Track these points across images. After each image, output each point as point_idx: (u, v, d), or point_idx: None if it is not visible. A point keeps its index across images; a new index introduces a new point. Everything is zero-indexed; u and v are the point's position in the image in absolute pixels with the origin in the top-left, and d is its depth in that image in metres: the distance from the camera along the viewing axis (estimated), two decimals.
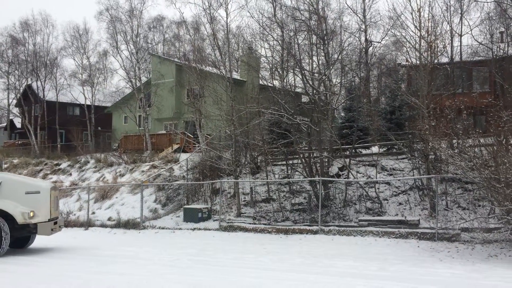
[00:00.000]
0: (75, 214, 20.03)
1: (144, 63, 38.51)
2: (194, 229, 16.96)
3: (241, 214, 18.01)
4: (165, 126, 36.16)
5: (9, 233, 11.35)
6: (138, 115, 35.01)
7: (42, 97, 42.89)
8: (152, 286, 8.00)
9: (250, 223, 16.77)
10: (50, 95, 43.66)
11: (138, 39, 35.13)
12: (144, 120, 33.02)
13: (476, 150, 12.40)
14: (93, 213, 20.20)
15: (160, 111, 34.63)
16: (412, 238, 13.28)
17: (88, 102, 43.90)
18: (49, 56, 44.04)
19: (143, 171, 24.64)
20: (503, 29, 28.23)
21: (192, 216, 17.83)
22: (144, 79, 36.56)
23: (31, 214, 11.53)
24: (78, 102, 44.69)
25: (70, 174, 27.07)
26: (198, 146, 25.00)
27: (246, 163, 21.41)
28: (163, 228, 17.43)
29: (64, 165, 28.60)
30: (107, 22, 36.81)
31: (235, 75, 27.65)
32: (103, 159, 27.76)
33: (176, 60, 36.17)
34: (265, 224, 16.57)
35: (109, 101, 44.95)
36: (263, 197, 18.99)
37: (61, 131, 43.56)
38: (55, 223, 12.36)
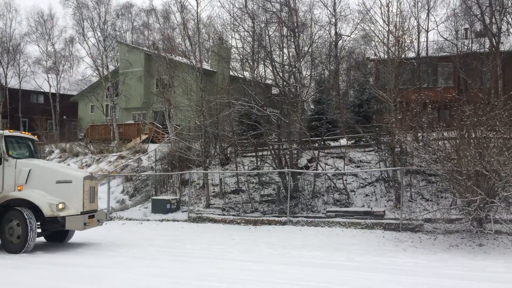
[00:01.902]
0: None
1: (112, 51, 37.60)
2: (162, 220, 16.81)
3: (210, 205, 17.98)
4: (134, 116, 35.54)
5: (36, 226, 10.41)
6: (105, 105, 34.24)
7: (4, 84, 41.30)
8: (117, 277, 7.90)
9: (219, 214, 16.76)
10: (12, 82, 42.09)
11: (105, 26, 34.28)
12: (112, 110, 32.34)
13: (439, 143, 12.76)
14: None
15: (128, 101, 33.97)
16: (378, 229, 13.59)
17: (53, 90, 42.63)
18: (11, 42, 42.37)
19: (110, 162, 24.18)
20: (467, 26, 29.07)
21: (160, 207, 17.66)
22: (111, 68, 35.74)
23: (60, 206, 10.42)
24: (42, 90, 43.28)
25: None
26: (167, 137, 24.71)
27: (215, 154, 21.33)
28: (130, 219, 17.21)
29: None
30: (73, 8, 35.78)
31: (206, 66, 27.41)
32: (68, 149, 27.09)
33: (145, 49, 35.51)
34: (234, 215, 16.60)
35: (75, 89, 43.76)
36: (232, 189, 19.00)
37: (24, 119, 42.12)
38: (91, 216, 11.20)
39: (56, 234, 12.02)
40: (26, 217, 10.24)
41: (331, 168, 18.43)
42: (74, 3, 35.19)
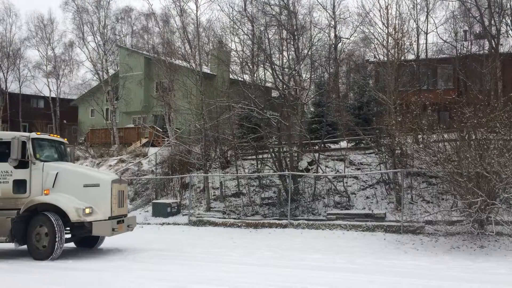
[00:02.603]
0: None
1: (111, 55, 37.67)
2: (163, 224, 16.80)
3: (211, 209, 17.96)
4: (134, 119, 35.56)
5: (64, 232, 10.02)
6: (105, 109, 34.26)
7: (4, 88, 41.33)
8: (120, 281, 7.89)
9: (219, 218, 16.74)
10: (13, 87, 42.10)
11: (105, 30, 34.33)
12: (112, 114, 32.35)
13: (440, 145, 12.76)
14: None
15: (128, 105, 34.00)
16: (379, 231, 13.57)
17: (53, 95, 42.61)
18: (12, 46, 42.40)
19: (110, 166, 24.18)
20: (467, 28, 29.08)
21: (161, 211, 17.65)
22: (111, 72, 35.79)
23: (87, 210, 10.00)
24: (42, 95, 43.27)
25: None
26: (167, 140, 24.72)
27: (216, 157, 21.32)
28: None
29: None
30: (73, 12, 35.80)
31: (205, 69, 27.44)
32: (69, 153, 27.04)
33: (145, 52, 35.57)
34: (234, 218, 16.58)
35: (75, 93, 43.76)
36: (233, 192, 18.98)
37: (24, 124, 42.12)
38: (120, 221, 10.77)
39: (86, 240, 11.60)
40: (53, 222, 9.86)
41: (332, 171, 18.42)
42: (74, 8, 35.28)
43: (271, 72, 18.45)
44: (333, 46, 29.42)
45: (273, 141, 19.06)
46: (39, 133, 11.32)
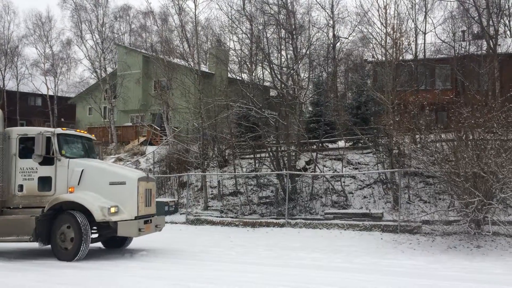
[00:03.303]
0: None
1: (109, 54, 37.59)
2: None
3: (208, 208, 17.97)
4: (132, 118, 35.51)
5: (90, 232, 9.64)
6: (103, 107, 34.22)
7: (2, 86, 41.23)
8: (118, 279, 7.89)
9: (217, 216, 16.75)
10: (10, 85, 42.01)
11: (103, 28, 34.26)
12: (110, 112, 32.31)
13: (437, 145, 12.79)
14: None
15: (126, 103, 33.96)
16: (376, 231, 13.60)
17: (51, 93, 42.56)
18: (9, 44, 42.33)
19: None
20: (465, 28, 29.14)
21: (158, 210, 17.53)
22: (109, 70, 35.71)
23: (112, 209, 9.56)
24: (40, 92, 43.19)
25: None
26: (165, 139, 24.70)
27: (213, 156, 21.33)
28: None
29: None
30: (71, 10, 35.76)
31: (204, 68, 27.41)
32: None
33: (143, 51, 35.52)
34: (232, 217, 16.59)
35: (72, 91, 43.71)
36: (230, 191, 18.99)
37: (22, 122, 41.98)
38: (147, 221, 10.32)
39: (114, 240, 11.13)
40: (79, 221, 9.46)
41: (329, 170, 18.44)
42: (72, 6, 35.22)
43: (269, 71, 18.46)
44: (331, 45, 29.47)
45: (271, 140, 19.08)
46: (64, 128, 10.87)
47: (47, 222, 9.74)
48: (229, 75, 23.85)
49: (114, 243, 11.36)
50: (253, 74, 20.44)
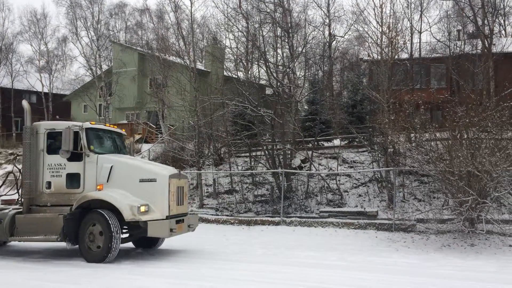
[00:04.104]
0: None
1: (105, 51, 37.49)
2: None
3: (204, 206, 17.96)
4: (127, 116, 35.42)
5: (120, 232, 9.18)
6: (98, 104, 34.11)
7: None
8: (109, 277, 7.88)
9: (212, 215, 16.75)
10: (5, 82, 41.79)
11: (99, 25, 34.20)
12: (105, 109, 32.23)
13: (432, 144, 12.84)
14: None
15: (122, 101, 33.87)
16: (371, 229, 13.64)
17: (46, 90, 42.38)
18: (4, 41, 42.12)
19: None
20: (460, 28, 29.25)
21: None
22: (105, 67, 35.63)
23: (142, 208, 9.08)
24: (35, 90, 42.98)
25: None
26: (160, 137, 24.66)
27: (209, 154, 21.31)
28: None
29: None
30: (66, 7, 35.67)
31: (200, 66, 27.39)
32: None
33: (138, 48, 35.42)
34: (227, 215, 16.59)
35: (67, 89, 43.50)
36: (226, 189, 18.99)
37: (16, 119, 41.80)
38: (179, 221, 9.82)
39: (145, 240, 10.65)
40: (109, 221, 8.99)
41: (325, 169, 18.47)
42: (67, 2, 35.11)
43: (265, 69, 18.45)
44: (327, 44, 29.51)
45: (266, 139, 19.08)
46: (93, 122, 10.44)
47: (75, 221, 9.30)
48: (225, 73, 23.81)
49: (145, 243, 10.91)
50: (249, 72, 20.44)
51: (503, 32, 31.92)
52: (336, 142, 20.98)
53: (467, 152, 11.18)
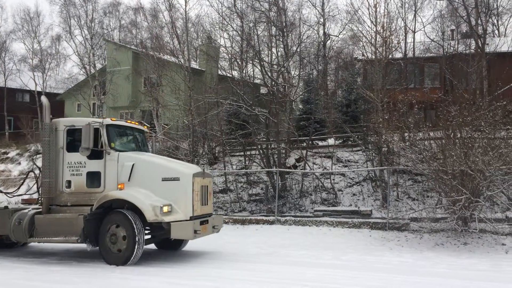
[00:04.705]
0: None
1: (99, 50, 37.31)
2: None
3: None
4: (121, 115, 35.24)
5: (144, 233, 8.77)
6: (92, 103, 33.93)
7: None
8: (104, 277, 7.85)
9: None
10: None
11: (92, 24, 33.97)
12: (99, 108, 32.07)
13: (426, 143, 12.90)
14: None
15: (116, 99, 33.70)
16: (365, 228, 13.69)
17: (39, 89, 42.08)
18: None
19: None
20: (454, 27, 29.41)
21: None
22: (99, 66, 35.46)
23: (165, 209, 8.70)
24: (28, 88, 42.68)
25: (19, 163, 25.97)
26: (155, 136, 24.53)
27: (203, 153, 21.28)
28: None
29: (12, 153, 27.41)
30: (60, 5, 35.43)
31: (194, 65, 27.34)
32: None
33: (133, 47, 35.25)
34: (222, 214, 16.57)
35: (61, 87, 43.31)
36: (220, 188, 18.97)
37: (9, 118, 41.52)
38: (204, 222, 9.43)
39: (168, 241, 10.29)
40: (132, 222, 8.62)
41: (319, 168, 18.51)
42: (61, 1, 34.86)
43: (260, 68, 18.46)
44: (322, 43, 29.54)
45: (261, 138, 19.09)
46: (114, 119, 10.12)
47: (95, 222, 8.95)
48: (219, 72, 23.80)
49: (169, 245, 10.55)
50: (244, 71, 20.44)
51: (496, 32, 32.13)
52: (331, 141, 21.02)
53: (460, 151, 11.24)
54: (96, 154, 9.32)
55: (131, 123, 10.55)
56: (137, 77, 33.05)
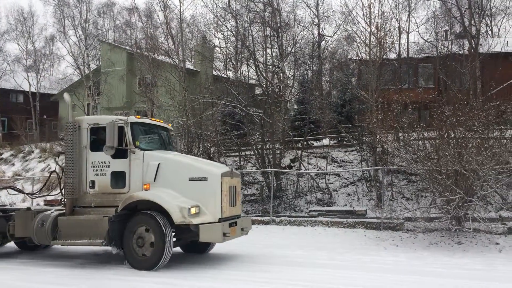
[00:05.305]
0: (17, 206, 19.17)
1: (93, 50, 37.12)
2: None
3: None
4: (116, 115, 35.16)
5: (172, 236, 8.44)
6: (86, 104, 33.80)
7: None
8: (102, 278, 7.83)
9: None
10: None
11: (87, 24, 33.86)
12: (93, 109, 31.96)
13: (420, 143, 12.96)
14: (38, 204, 19.39)
15: (110, 100, 33.59)
16: (360, 228, 13.74)
17: (33, 89, 41.88)
18: None
19: None
20: (447, 28, 29.55)
21: None
22: (93, 67, 35.31)
23: (193, 210, 8.31)
24: (22, 89, 42.45)
25: (13, 164, 25.84)
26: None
27: (198, 154, 21.23)
28: None
29: (6, 154, 27.25)
30: (54, 5, 35.20)
31: (189, 65, 27.30)
32: (48, 149, 26.68)
33: (127, 48, 35.15)
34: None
35: (55, 88, 43.06)
36: None
37: (3, 119, 41.27)
38: (232, 224, 9.03)
39: (195, 244, 9.90)
40: (160, 224, 8.26)
41: (314, 168, 18.54)
42: (55, 1, 34.68)
43: (254, 69, 18.47)
44: (316, 44, 29.57)
45: (256, 138, 19.10)
46: (138, 116, 9.78)
47: (120, 224, 8.61)
48: (214, 72, 23.78)
49: (195, 248, 10.21)
50: (239, 72, 20.43)
51: (489, 32, 32.30)
52: (325, 141, 21.06)
53: (454, 151, 11.31)
54: (120, 153, 9.00)
55: (155, 120, 10.26)
56: (132, 77, 32.96)
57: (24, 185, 22.05)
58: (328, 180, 17.46)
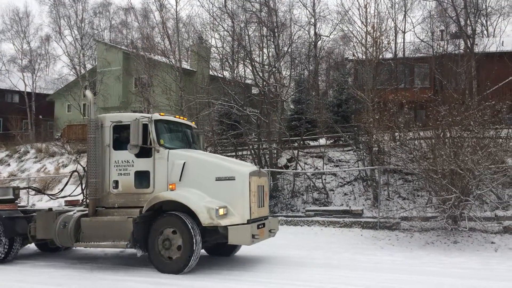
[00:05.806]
0: None
1: (89, 50, 37.10)
2: None
3: None
4: None
5: (201, 238, 8.08)
6: (82, 104, 33.74)
7: None
8: (97, 279, 7.82)
9: None
10: None
11: (82, 24, 33.86)
12: (89, 109, 31.86)
13: (416, 143, 13.00)
14: (33, 205, 19.31)
15: (106, 100, 33.53)
16: (356, 227, 13.75)
17: (29, 89, 41.74)
18: None
19: None
20: (443, 28, 29.65)
21: None
22: (89, 67, 35.27)
23: (221, 211, 7.97)
24: (17, 89, 42.33)
25: (9, 165, 25.73)
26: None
27: None
28: None
29: (1, 155, 27.13)
30: (49, 5, 35.23)
31: (185, 65, 27.25)
32: (44, 149, 26.58)
33: (123, 47, 35.11)
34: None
35: (51, 88, 42.95)
36: None
37: None
38: (260, 226, 8.66)
39: (220, 247, 9.66)
40: (189, 225, 7.93)
41: (311, 168, 18.55)
42: (51, 1, 34.65)
43: (251, 69, 18.47)
44: (313, 43, 29.61)
45: (252, 138, 19.09)
46: (163, 114, 9.45)
47: (145, 226, 8.31)
48: (210, 72, 23.74)
49: (220, 250, 9.90)
50: (235, 71, 20.42)
51: (485, 32, 32.45)
52: (322, 141, 21.08)
53: (450, 150, 11.34)
54: (144, 152, 8.70)
55: (180, 118, 9.96)
56: (128, 77, 32.91)
57: (20, 185, 21.94)
58: (325, 179, 17.48)
